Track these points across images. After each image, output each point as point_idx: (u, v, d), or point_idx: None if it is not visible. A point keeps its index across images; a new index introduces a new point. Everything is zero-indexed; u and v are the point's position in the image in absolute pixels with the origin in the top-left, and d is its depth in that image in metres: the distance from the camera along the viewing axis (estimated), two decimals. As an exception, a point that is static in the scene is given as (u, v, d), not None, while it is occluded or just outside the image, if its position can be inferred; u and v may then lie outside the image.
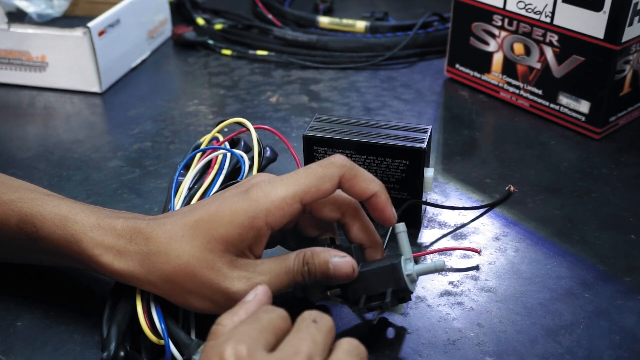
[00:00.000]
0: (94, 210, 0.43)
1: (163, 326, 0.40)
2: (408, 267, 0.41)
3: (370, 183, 0.42)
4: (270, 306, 0.36)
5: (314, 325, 0.34)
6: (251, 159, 0.54)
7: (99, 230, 0.41)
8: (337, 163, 0.42)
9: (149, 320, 0.41)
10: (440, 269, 0.41)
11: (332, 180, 0.41)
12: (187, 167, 0.55)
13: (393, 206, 0.44)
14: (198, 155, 0.55)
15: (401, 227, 0.41)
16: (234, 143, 0.58)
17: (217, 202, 0.41)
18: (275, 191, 0.40)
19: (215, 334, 0.34)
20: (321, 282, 0.41)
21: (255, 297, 0.37)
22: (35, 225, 0.43)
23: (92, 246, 0.41)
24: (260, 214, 0.39)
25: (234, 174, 0.54)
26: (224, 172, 0.53)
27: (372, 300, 0.41)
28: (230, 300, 0.39)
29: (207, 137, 0.57)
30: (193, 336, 0.42)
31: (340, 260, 0.40)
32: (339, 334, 0.43)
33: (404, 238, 0.41)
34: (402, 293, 0.41)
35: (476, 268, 0.49)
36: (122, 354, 0.39)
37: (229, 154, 0.54)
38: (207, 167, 0.55)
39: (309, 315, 0.34)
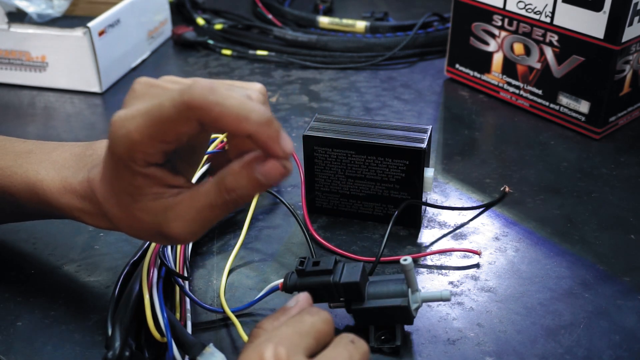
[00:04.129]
0: (58, 166, 0.41)
1: (167, 325, 0.40)
2: (415, 299, 0.42)
3: (242, 122, 0.32)
4: (314, 308, 0.37)
5: (352, 344, 0.34)
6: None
7: (66, 195, 0.40)
8: (194, 96, 0.32)
9: (154, 319, 0.41)
10: (445, 299, 0.42)
11: (187, 130, 0.33)
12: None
13: (285, 138, 0.34)
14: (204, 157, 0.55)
15: (409, 266, 0.41)
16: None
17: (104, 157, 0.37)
18: (128, 137, 0.34)
19: (255, 336, 0.35)
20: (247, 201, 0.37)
21: (297, 304, 0.37)
22: (13, 195, 0.42)
23: (68, 210, 0.40)
24: (128, 164, 0.34)
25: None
26: None
27: (378, 329, 0.43)
28: (170, 240, 0.37)
29: (216, 142, 0.56)
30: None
31: (267, 167, 0.33)
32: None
33: (412, 274, 0.41)
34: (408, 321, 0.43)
35: (476, 267, 0.49)
36: (127, 353, 0.39)
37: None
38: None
39: (346, 336, 0.35)
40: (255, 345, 0.33)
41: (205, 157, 0.55)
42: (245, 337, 0.42)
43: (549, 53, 0.65)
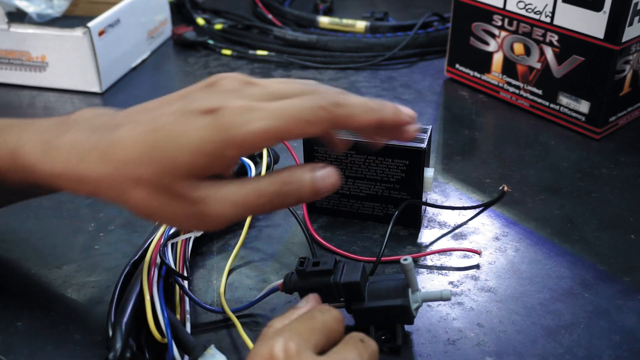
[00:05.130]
0: (40, 131, 0.39)
1: (167, 325, 0.40)
2: (415, 298, 0.42)
3: (367, 113, 0.37)
4: (325, 306, 0.37)
5: (361, 343, 0.35)
6: (254, 161, 0.55)
7: (47, 160, 0.37)
8: (325, 106, 0.36)
9: (154, 319, 0.41)
10: (446, 299, 0.42)
11: (321, 127, 0.36)
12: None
13: (400, 109, 0.39)
14: None
15: (409, 266, 0.41)
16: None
17: (176, 120, 0.36)
18: (252, 124, 0.35)
19: (266, 335, 0.35)
20: (300, 201, 0.37)
21: (307, 305, 0.38)
22: None
23: (47, 177, 0.38)
24: (231, 146, 0.35)
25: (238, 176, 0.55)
26: None
27: (379, 329, 0.43)
28: (195, 214, 0.36)
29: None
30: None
31: (323, 171, 0.37)
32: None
33: (412, 273, 0.41)
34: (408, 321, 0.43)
35: (476, 267, 0.49)
36: (128, 354, 0.39)
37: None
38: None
39: (356, 335, 0.35)
40: (265, 340, 0.33)
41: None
42: (245, 337, 0.42)
43: (549, 53, 0.65)
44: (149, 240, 0.46)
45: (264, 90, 0.38)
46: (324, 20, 0.88)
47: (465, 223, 0.54)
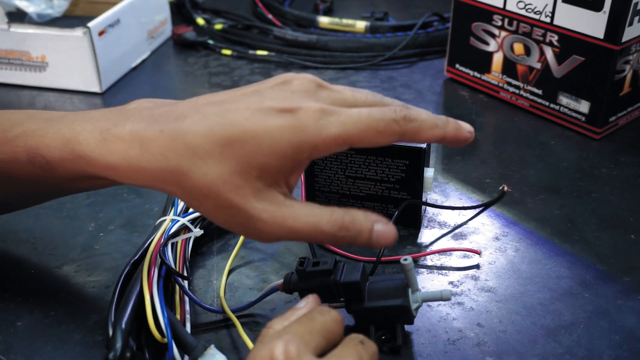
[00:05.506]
0: (94, 120, 0.38)
1: (167, 325, 0.40)
2: (415, 298, 0.42)
3: (433, 130, 0.39)
4: (325, 307, 0.37)
5: (361, 345, 0.35)
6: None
7: (103, 149, 0.37)
8: (397, 120, 0.38)
9: (154, 319, 0.41)
10: (446, 299, 0.42)
11: (390, 138, 0.37)
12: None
13: (461, 125, 0.41)
14: None
15: (409, 266, 0.41)
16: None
17: (250, 116, 0.36)
18: (328, 128, 0.36)
19: (265, 336, 0.35)
20: (352, 245, 0.38)
21: (307, 305, 0.38)
22: (43, 157, 0.39)
23: (104, 167, 0.37)
24: (305, 147, 0.35)
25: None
26: None
27: (379, 329, 0.43)
28: (248, 226, 0.36)
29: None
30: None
31: (383, 229, 0.37)
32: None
33: (412, 273, 0.41)
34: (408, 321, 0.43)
35: (476, 267, 0.49)
36: (128, 354, 0.39)
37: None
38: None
39: (356, 337, 0.35)
40: (265, 342, 0.33)
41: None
42: (245, 338, 0.42)
43: (549, 53, 0.65)
44: (149, 240, 0.47)
45: (336, 95, 0.38)
46: (324, 20, 0.89)
47: (465, 223, 0.54)
